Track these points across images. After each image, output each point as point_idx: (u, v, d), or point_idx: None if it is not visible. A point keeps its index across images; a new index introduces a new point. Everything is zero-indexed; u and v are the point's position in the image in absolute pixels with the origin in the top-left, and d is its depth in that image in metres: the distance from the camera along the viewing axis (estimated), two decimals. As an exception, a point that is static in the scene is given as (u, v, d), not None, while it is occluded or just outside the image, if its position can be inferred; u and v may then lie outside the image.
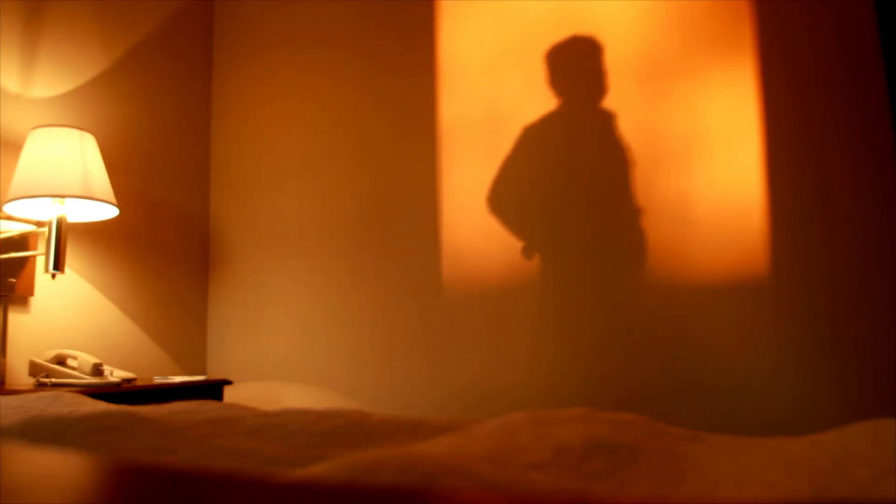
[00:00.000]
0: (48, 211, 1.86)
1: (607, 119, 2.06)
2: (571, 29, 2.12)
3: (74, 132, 1.87)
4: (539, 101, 2.16)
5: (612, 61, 2.07)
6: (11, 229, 1.97)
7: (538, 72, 2.17)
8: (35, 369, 1.88)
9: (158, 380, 2.14)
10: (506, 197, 2.18)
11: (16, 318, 2.02)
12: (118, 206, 1.97)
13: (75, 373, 1.84)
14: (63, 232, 1.84)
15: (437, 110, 2.33)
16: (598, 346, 1.99)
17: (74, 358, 1.89)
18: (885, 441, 0.63)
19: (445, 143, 2.31)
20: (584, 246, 2.05)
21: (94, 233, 2.25)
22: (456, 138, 2.29)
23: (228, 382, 2.24)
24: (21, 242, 2.01)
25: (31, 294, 2.05)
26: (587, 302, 2.02)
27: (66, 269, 1.95)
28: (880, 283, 1.69)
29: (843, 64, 1.78)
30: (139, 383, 2.00)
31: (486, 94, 2.25)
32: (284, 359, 2.52)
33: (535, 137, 2.15)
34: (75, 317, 2.20)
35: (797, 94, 1.82)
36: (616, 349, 1.96)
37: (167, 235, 2.59)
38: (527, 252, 2.10)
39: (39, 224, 2.00)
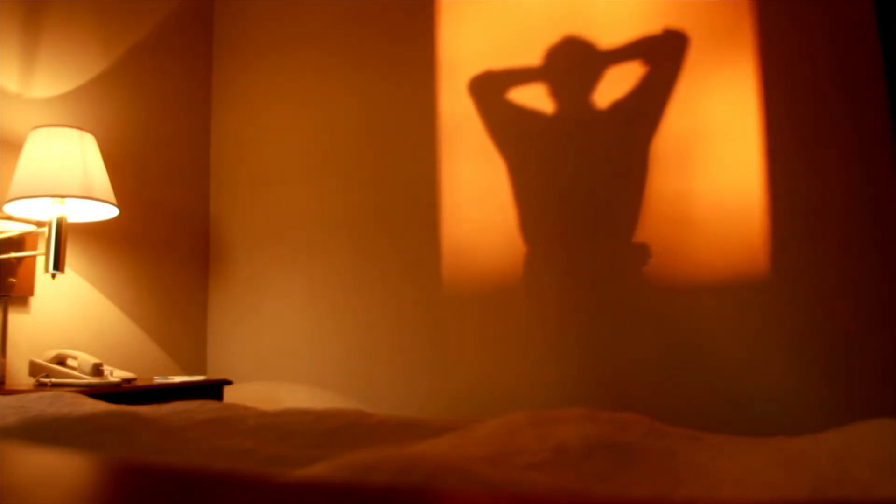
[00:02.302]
0: (48, 211, 1.86)
1: (607, 119, 2.06)
2: (571, 29, 2.12)
3: (74, 132, 1.87)
4: (538, 100, 2.16)
5: (612, 61, 2.07)
6: (11, 229, 1.97)
7: (538, 71, 2.17)
8: (35, 369, 1.88)
9: (158, 380, 2.14)
10: (505, 193, 2.18)
11: (16, 318, 2.02)
12: (118, 206, 1.96)
13: (75, 373, 1.84)
14: (63, 232, 1.84)
15: (437, 109, 2.33)
16: (598, 345, 1.99)
17: (74, 358, 1.89)
18: (885, 441, 0.63)
19: (445, 142, 2.31)
20: (585, 245, 2.05)
21: (94, 233, 2.25)
22: (456, 137, 2.29)
23: (228, 382, 2.24)
24: (21, 242, 2.01)
25: (31, 294, 2.05)
26: (587, 301, 2.02)
27: (66, 269, 1.94)
28: (881, 283, 1.69)
29: (842, 63, 1.78)
30: (139, 383, 2.00)
31: (486, 93, 2.25)
32: (284, 359, 2.52)
33: (534, 137, 2.15)
34: (75, 317, 2.20)
35: (797, 93, 1.82)
36: (616, 349, 1.96)
37: (167, 235, 2.59)
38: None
39: (39, 224, 2.00)
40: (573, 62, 2.12)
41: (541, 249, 2.11)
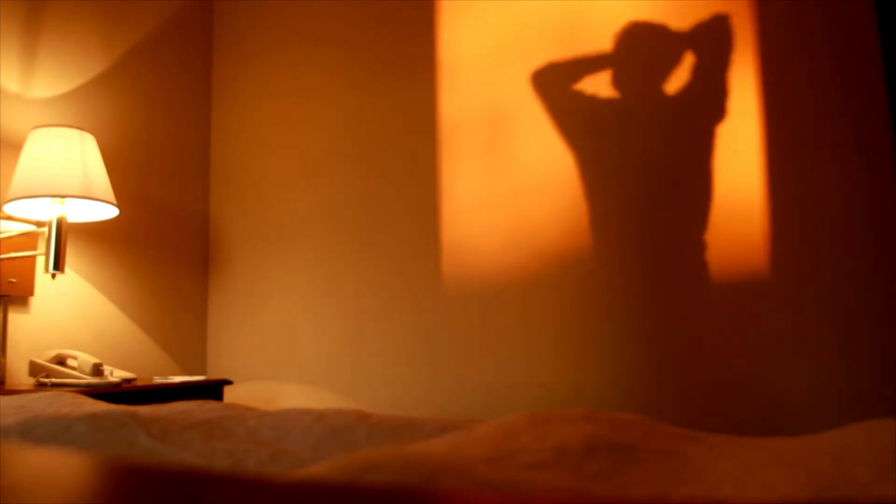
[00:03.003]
0: (48, 211, 1.86)
1: (607, 119, 2.06)
2: (571, 28, 2.12)
3: (74, 132, 1.87)
4: (541, 97, 2.16)
5: (612, 61, 2.06)
6: (11, 229, 1.97)
7: (538, 70, 2.17)
8: (35, 369, 1.88)
9: (158, 380, 2.14)
10: (504, 192, 2.18)
11: (16, 318, 2.02)
12: (118, 206, 1.96)
13: (75, 373, 1.84)
14: (63, 232, 1.84)
15: (437, 108, 2.33)
16: (598, 345, 1.99)
17: (74, 358, 1.89)
18: (885, 441, 0.63)
19: (445, 141, 2.31)
20: (585, 245, 2.05)
21: (94, 233, 2.25)
22: (456, 136, 2.29)
23: (228, 382, 2.24)
24: (21, 242, 2.01)
25: (31, 294, 2.05)
26: (587, 301, 2.02)
27: (66, 269, 1.94)
28: (880, 283, 1.69)
29: (842, 63, 1.78)
30: (139, 383, 2.00)
31: (487, 91, 2.25)
32: (284, 359, 2.52)
33: (536, 137, 2.15)
34: (75, 317, 2.20)
35: (797, 93, 1.82)
36: (616, 349, 1.96)
37: (167, 235, 2.59)
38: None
39: (39, 224, 2.00)
40: (574, 61, 2.12)
41: (539, 249, 2.11)
